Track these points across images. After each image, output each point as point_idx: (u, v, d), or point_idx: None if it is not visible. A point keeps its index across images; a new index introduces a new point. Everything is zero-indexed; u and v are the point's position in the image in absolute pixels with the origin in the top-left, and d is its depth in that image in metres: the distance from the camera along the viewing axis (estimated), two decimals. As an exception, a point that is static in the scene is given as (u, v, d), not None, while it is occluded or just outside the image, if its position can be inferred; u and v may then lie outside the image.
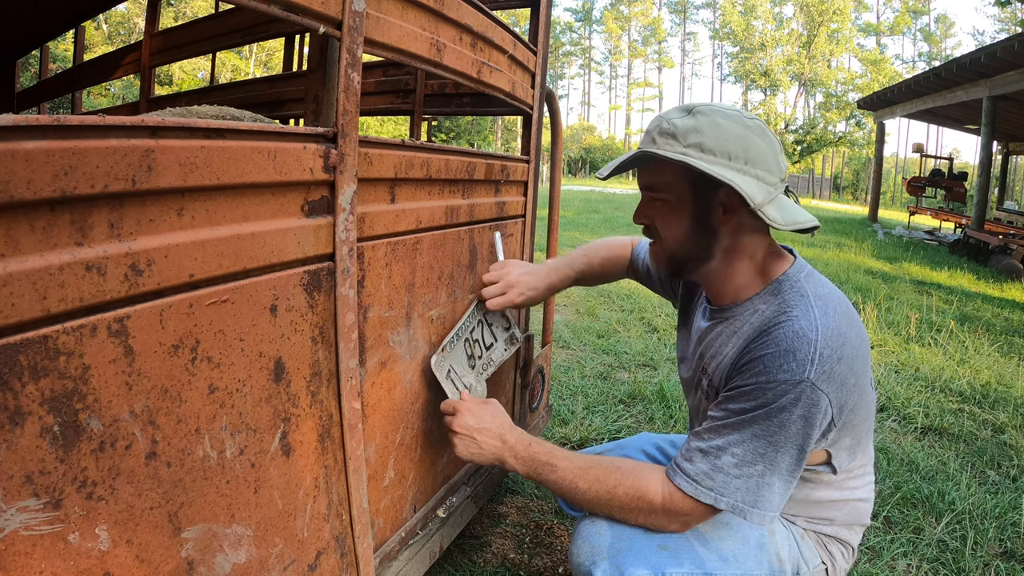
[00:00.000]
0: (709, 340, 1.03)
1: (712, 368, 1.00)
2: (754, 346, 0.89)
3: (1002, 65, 8.78)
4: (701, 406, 1.04)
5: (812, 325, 0.85)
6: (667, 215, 0.94)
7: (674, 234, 0.94)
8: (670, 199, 0.93)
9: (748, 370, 0.88)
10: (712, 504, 0.87)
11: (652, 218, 0.97)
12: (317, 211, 0.78)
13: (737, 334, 0.96)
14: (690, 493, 0.88)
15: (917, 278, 6.79)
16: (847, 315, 0.89)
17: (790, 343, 0.84)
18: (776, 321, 0.88)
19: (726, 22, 44.11)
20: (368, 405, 0.97)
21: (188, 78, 26.71)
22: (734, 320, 0.98)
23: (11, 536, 0.48)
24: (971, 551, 1.71)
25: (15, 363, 0.47)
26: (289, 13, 0.69)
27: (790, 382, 0.83)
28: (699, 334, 1.08)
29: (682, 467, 0.90)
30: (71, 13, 2.43)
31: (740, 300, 0.98)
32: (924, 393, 2.95)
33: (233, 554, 0.71)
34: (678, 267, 0.98)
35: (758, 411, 0.85)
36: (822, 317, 0.86)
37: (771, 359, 0.85)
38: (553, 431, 2.41)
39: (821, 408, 0.84)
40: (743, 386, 0.88)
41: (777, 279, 0.95)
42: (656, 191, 0.94)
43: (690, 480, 0.89)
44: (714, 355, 1.00)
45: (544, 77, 1.54)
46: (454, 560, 1.58)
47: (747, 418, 0.86)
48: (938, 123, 15.53)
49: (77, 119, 0.49)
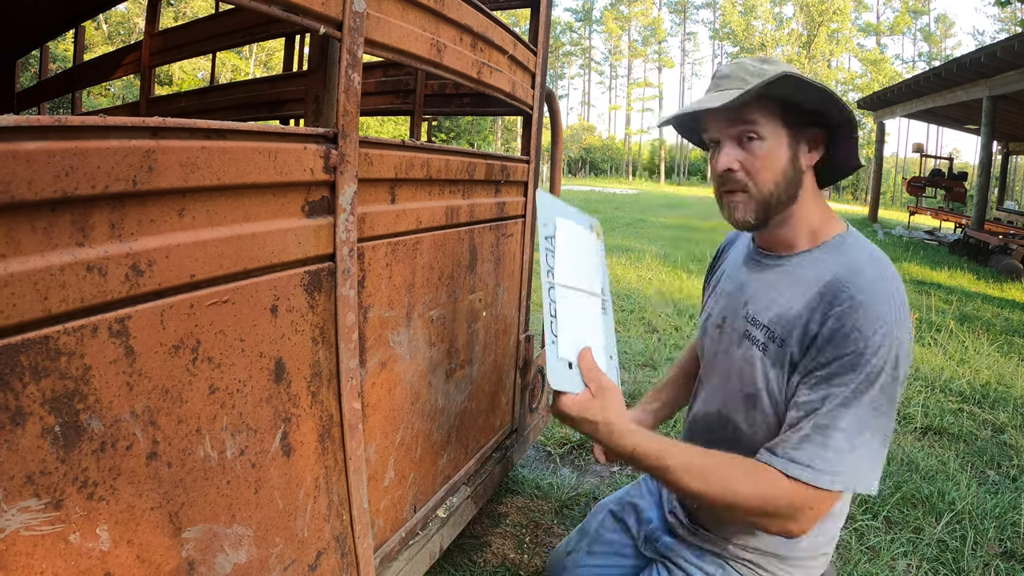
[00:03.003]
0: (756, 287, 1.02)
1: (769, 318, 0.97)
2: (837, 309, 0.87)
3: (1002, 65, 8.78)
4: (753, 362, 0.98)
5: (887, 288, 0.87)
6: (762, 154, 0.92)
7: (771, 174, 0.93)
8: (767, 136, 0.92)
9: (840, 336, 0.86)
10: (828, 488, 0.84)
11: (745, 160, 0.93)
12: (317, 211, 0.78)
13: (802, 284, 0.94)
14: (807, 480, 0.84)
15: (917, 278, 6.79)
16: (901, 282, 0.92)
17: (878, 307, 0.85)
18: (853, 281, 0.88)
19: (726, 22, 44.12)
20: (368, 405, 0.97)
21: (188, 78, 26.71)
22: (795, 269, 0.97)
23: (12, 536, 0.48)
24: (971, 551, 1.71)
25: (16, 363, 0.47)
26: (289, 13, 0.69)
27: (883, 345, 0.84)
28: (739, 281, 1.06)
29: (793, 457, 0.86)
30: (71, 13, 2.43)
31: (797, 250, 0.99)
32: (924, 393, 2.96)
33: (234, 554, 0.71)
34: (769, 213, 0.96)
35: (859, 380, 0.84)
36: (892, 280, 0.88)
37: (864, 323, 0.85)
38: (553, 431, 2.41)
39: (903, 366, 0.86)
40: (840, 356, 0.86)
41: (840, 235, 0.97)
42: (751, 128, 0.92)
43: (804, 467, 0.85)
44: (769, 304, 0.98)
45: (544, 77, 1.54)
46: (454, 560, 1.58)
47: (850, 390, 0.85)
48: (938, 123, 15.53)
49: (78, 120, 0.49)
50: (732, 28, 43.39)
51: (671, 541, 1.13)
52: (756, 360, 0.97)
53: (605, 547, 1.23)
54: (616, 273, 5.75)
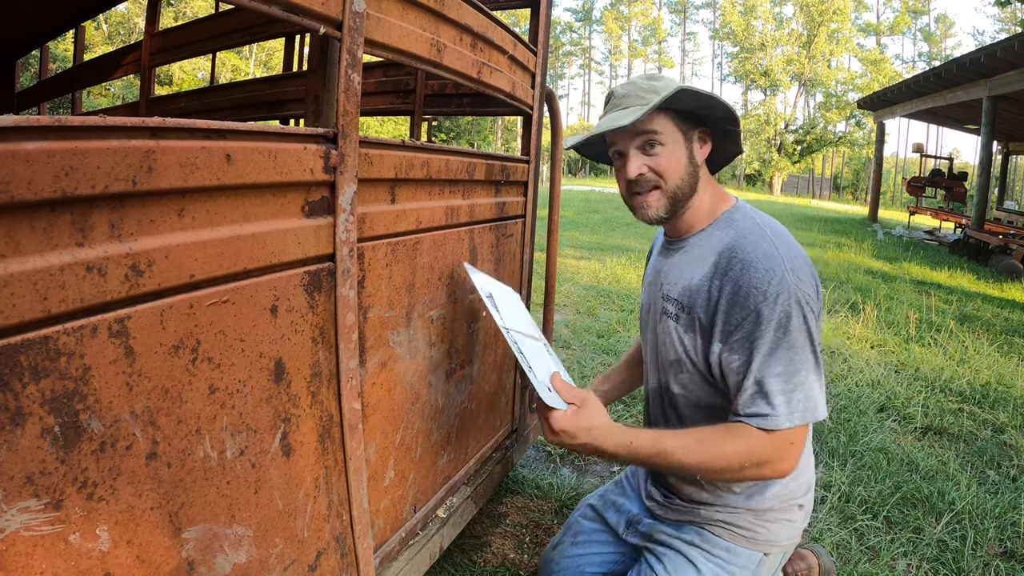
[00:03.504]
0: (667, 270, 1.16)
1: (678, 292, 1.11)
2: (731, 273, 1.00)
3: (1002, 65, 8.77)
4: (670, 331, 1.12)
5: (772, 245, 0.99)
6: (667, 157, 1.06)
7: (676, 172, 1.06)
8: (667, 142, 1.05)
9: (740, 297, 0.98)
10: (792, 425, 0.95)
11: (652, 164, 1.06)
12: (317, 211, 0.78)
13: (701, 259, 1.07)
14: (771, 427, 0.95)
15: (917, 278, 6.79)
16: (792, 240, 1.04)
17: (765, 263, 0.97)
18: (740, 246, 1.01)
19: (726, 22, 44.10)
20: (368, 405, 0.97)
21: (188, 78, 26.70)
22: (692, 248, 1.11)
23: (12, 536, 0.48)
24: (971, 551, 1.71)
25: (16, 364, 0.47)
26: (289, 14, 0.69)
27: (782, 293, 0.95)
28: (656, 271, 1.21)
29: (751, 412, 0.97)
30: (71, 13, 2.43)
31: (695, 231, 1.12)
32: (924, 393, 2.95)
33: (233, 554, 0.71)
34: (677, 206, 1.09)
35: (772, 329, 0.95)
36: (775, 239, 1.01)
37: (757, 280, 0.96)
38: (553, 431, 2.41)
39: (809, 305, 0.96)
40: (747, 315, 0.97)
41: (728, 211, 1.11)
42: (653, 137, 1.05)
43: (764, 416, 0.96)
44: (676, 280, 1.12)
45: (544, 77, 1.54)
46: (454, 560, 1.58)
47: (768, 340, 0.95)
48: (938, 123, 15.52)
49: (78, 120, 0.49)
50: (732, 28, 43.36)
51: (651, 522, 1.24)
52: (672, 330, 1.12)
53: (587, 537, 1.32)
54: (616, 273, 5.75)
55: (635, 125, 1.03)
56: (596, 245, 7.96)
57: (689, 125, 1.07)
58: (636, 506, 1.30)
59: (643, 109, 1.00)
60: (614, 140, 1.09)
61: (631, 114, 1.01)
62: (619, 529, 1.28)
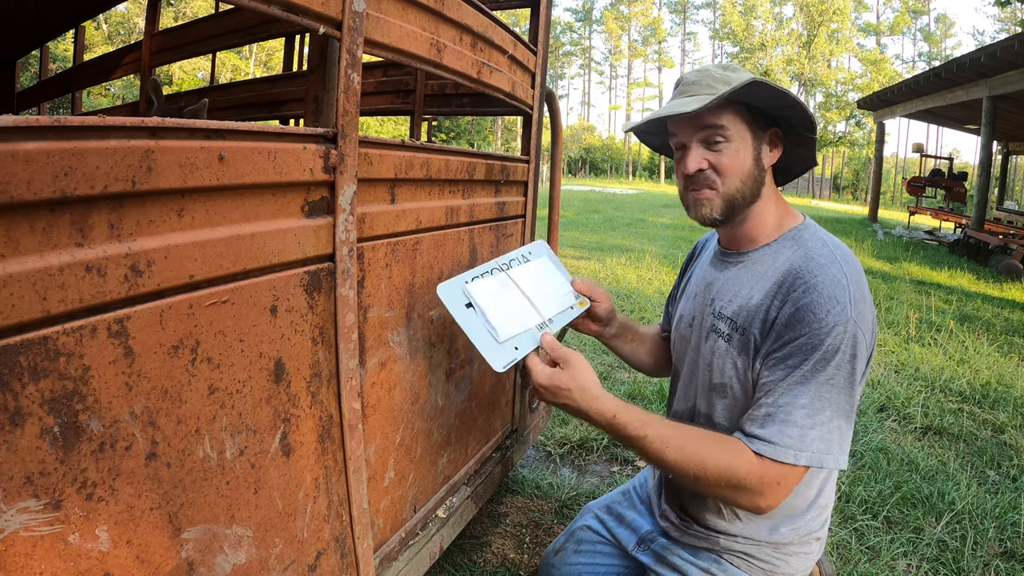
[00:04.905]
0: (720, 284, 1.07)
1: (732, 310, 1.01)
2: (794, 295, 0.92)
3: (1002, 65, 8.77)
4: (720, 352, 1.02)
5: (841, 271, 0.91)
6: (731, 156, 0.97)
7: (738, 173, 0.97)
8: (733, 139, 0.97)
9: (797, 321, 0.90)
10: (793, 462, 0.87)
11: (713, 160, 0.98)
12: (317, 211, 0.78)
13: (763, 277, 0.99)
14: (771, 456, 0.88)
15: (917, 278, 6.79)
16: (859, 267, 0.96)
17: (831, 289, 0.89)
18: (808, 268, 0.93)
19: (726, 22, 44.10)
20: (368, 405, 0.97)
21: (188, 78, 26.71)
22: (754, 264, 1.02)
23: (11, 537, 0.47)
24: (971, 551, 1.71)
25: (15, 364, 0.47)
26: (289, 13, 0.69)
27: (839, 325, 0.87)
28: (705, 281, 1.11)
29: (757, 434, 0.90)
30: (71, 13, 2.43)
31: (757, 245, 1.03)
32: (924, 393, 2.95)
33: (233, 555, 0.71)
34: (733, 211, 1.00)
35: (815, 359, 0.88)
36: (845, 264, 0.93)
37: (817, 306, 0.89)
38: (553, 431, 2.41)
39: (862, 345, 0.89)
40: (797, 338, 0.90)
41: (796, 227, 1.02)
42: (719, 132, 0.96)
43: (768, 443, 0.88)
44: (732, 297, 1.03)
45: (544, 77, 1.54)
46: (454, 560, 1.58)
47: (807, 369, 0.88)
48: (938, 123, 15.52)
49: (77, 120, 0.49)
50: (732, 28, 43.37)
51: (665, 542, 1.16)
52: (723, 351, 1.02)
53: (590, 547, 1.27)
54: (616, 273, 5.75)
55: (701, 116, 0.94)
56: (596, 245, 7.96)
57: (761, 124, 0.98)
58: (648, 523, 1.23)
59: (710, 97, 0.91)
60: (676, 130, 1.00)
61: (697, 101, 0.92)
62: (628, 545, 1.22)
